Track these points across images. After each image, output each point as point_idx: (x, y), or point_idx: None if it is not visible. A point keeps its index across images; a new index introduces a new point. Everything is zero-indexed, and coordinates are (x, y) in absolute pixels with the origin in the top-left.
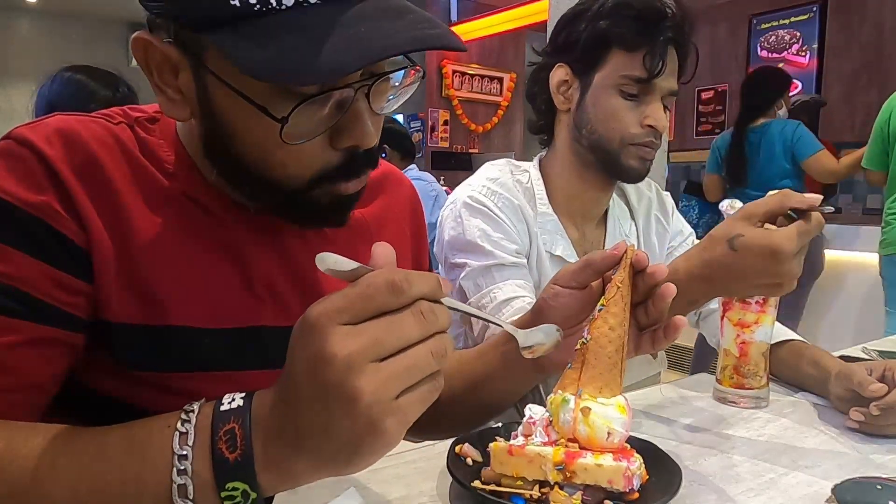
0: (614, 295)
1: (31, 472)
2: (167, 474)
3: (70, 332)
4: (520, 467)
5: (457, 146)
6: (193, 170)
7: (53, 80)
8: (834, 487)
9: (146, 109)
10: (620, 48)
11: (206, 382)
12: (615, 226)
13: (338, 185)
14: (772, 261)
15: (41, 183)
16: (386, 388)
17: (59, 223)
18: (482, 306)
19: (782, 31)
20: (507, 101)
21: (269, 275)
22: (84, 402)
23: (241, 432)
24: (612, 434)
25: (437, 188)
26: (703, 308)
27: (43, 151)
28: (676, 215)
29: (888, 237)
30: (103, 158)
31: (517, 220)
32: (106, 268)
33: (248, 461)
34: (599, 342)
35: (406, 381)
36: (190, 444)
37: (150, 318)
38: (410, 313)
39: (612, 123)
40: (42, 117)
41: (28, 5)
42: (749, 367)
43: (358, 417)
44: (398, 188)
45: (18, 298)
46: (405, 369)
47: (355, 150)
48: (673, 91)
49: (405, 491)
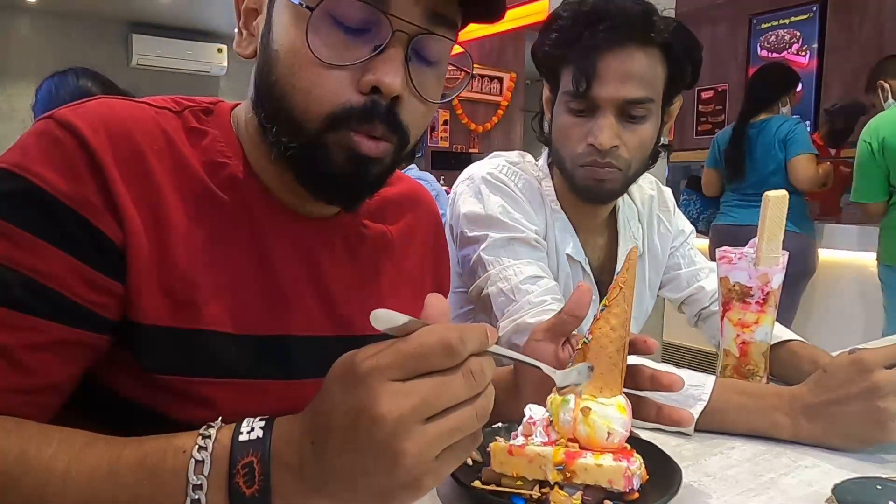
0: (616, 296)
1: (42, 487)
2: (180, 502)
3: (96, 333)
4: (520, 467)
5: (457, 146)
6: (244, 162)
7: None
8: (834, 487)
9: (198, 100)
10: (564, 63)
11: (226, 390)
12: (625, 226)
13: (353, 134)
14: (858, 371)
15: (81, 173)
16: (430, 450)
17: (96, 219)
18: (506, 278)
19: (782, 31)
20: (507, 101)
21: (297, 284)
22: (102, 402)
23: (259, 467)
24: (612, 434)
25: (437, 188)
26: (702, 309)
27: (87, 139)
28: (678, 213)
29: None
30: (147, 150)
31: (536, 204)
32: (140, 268)
33: (265, 497)
34: (600, 342)
35: (449, 442)
36: (205, 473)
37: (179, 320)
38: (461, 375)
39: (562, 142)
40: (85, 100)
41: (28, 5)
42: (749, 367)
43: (398, 476)
44: (424, 208)
45: (45, 296)
46: (449, 432)
47: (377, 96)
48: (629, 100)
49: None
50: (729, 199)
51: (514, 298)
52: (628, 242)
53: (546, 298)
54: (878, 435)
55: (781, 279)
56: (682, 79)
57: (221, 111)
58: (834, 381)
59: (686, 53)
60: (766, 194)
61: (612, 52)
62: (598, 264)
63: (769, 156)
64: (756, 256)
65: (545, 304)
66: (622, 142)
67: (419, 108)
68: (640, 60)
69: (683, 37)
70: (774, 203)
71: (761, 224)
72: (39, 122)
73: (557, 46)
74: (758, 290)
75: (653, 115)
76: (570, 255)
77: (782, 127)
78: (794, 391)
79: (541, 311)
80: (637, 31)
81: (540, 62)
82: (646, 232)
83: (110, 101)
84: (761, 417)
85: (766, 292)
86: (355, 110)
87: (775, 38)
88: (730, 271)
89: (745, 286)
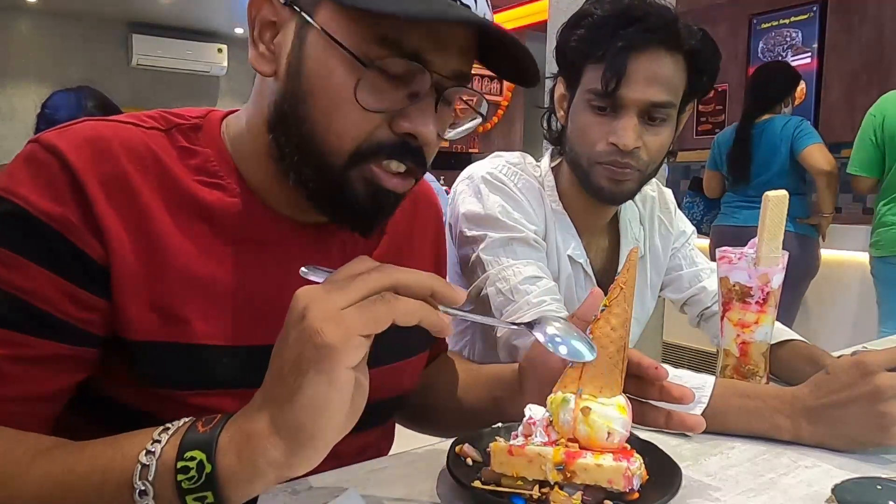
0: (617, 296)
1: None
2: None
3: (81, 347)
4: (520, 467)
5: (457, 146)
6: (238, 177)
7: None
8: (834, 487)
9: (187, 115)
10: (591, 60)
11: (222, 400)
12: (626, 228)
13: (376, 169)
14: (860, 374)
15: (63, 194)
16: (330, 299)
17: (77, 238)
18: (505, 278)
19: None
20: (507, 101)
21: (291, 292)
22: (104, 409)
23: (220, 416)
24: (612, 434)
25: (437, 188)
26: (705, 309)
27: (69, 161)
28: (678, 214)
29: (883, 239)
30: (132, 171)
31: (537, 204)
32: (126, 285)
33: (214, 434)
34: (601, 342)
35: (350, 292)
36: (150, 478)
37: (170, 335)
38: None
39: (581, 140)
40: (72, 122)
41: (28, 5)
42: (749, 367)
43: (301, 329)
44: (429, 209)
45: (29, 312)
46: (351, 282)
47: (410, 139)
48: (654, 103)
49: (405, 491)
50: (731, 200)
51: (513, 299)
52: (630, 244)
53: (545, 299)
54: (880, 438)
55: (781, 279)
56: (699, 87)
57: (211, 125)
58: (836, 383)
59: (708, 63)
60: (766, 194)
61: (644, 53)
62: (599, 266)
63: (773, 157)
64: (756, 256)
65: (544, 305)
66: (643, 143)
67: (436, 144)
68: (668, 65)
69: (708, 46)
70: (774, 203)
71: (761, 224)
72: (27, 145)
73: (587, 43)
74: (758, 290)
75: (671, 120)
76: (572, 257)
77: (788, 125)
78: (795, 393)
79: (539, 311)
80: (668, 35)
81: (563, 57)
82: (647, 233)
83: (97, 122)
84: (762, 419)
85: (767, 292)
86: (384, 146)
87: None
88: (730, 271)
89: (745, 286)
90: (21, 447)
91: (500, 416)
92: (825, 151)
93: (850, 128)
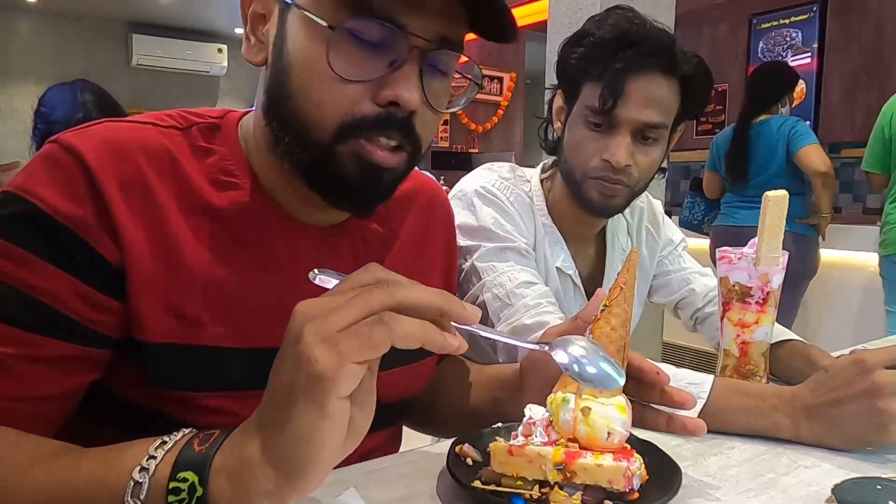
0: (617, 296)
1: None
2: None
3: (93, 348)
4: (520, 467)
5: (457, 146)
6: (252, 177)
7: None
8: (834, 487)
9: (205, 115)
10: (589, 78)
11: (236, 402)
12: (613, 239)
13: (365, 144)
14: (859, 371)
15: (81, 195)
16: (326, 319)
17: (93, 239)
18: (501, 284)
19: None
20: (507, 101)
21: (303, 294)
22: (118, 410)
23: (218, 433)
24: (612, 434)
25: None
26: (697, 311)
27: (88, 162)
28: (666, 222)
29: (888, 237)
30: (149, 172)
31: (527, 218)
32: (141, 287)
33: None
34: (601, 342)
35: (346, 312)
36: (141, 497)
37: (184, 337)
38: (376, 286)
39: (576, 154)
40: (91, 123)
41: (28, 5)
42: (749, 367)
43: (296, 353)
44: (440, 210)
45: (42, 312)
46: (353, 298)
47: (395, 109)
48: (648, 123)
49: (405, 491)
50: (730, 200)
51: (510, 303)
52: (617, 254)
53: (541, 301)
54: (879, 436)
55: (781, 279)
56: (691, 111)
57: (229, 125)
58: (835, 381)
59: (701, 87)
60: (766, 194)
61: (641, 76)
62: (587, 275)
63: (771, 157)
64: (756, 256)
65: (541, 307)
66: (635, 161)
67: (431, 117)
68: (663, 88)
69: (702, 72)
70: (774, 203)
71: (761, 224)
72: (46, 145)
73: (587, 62)
74: (758, 290)
75: (663, 140)
76: (561, 268)
77: (784, 126)
78: (794, 391)
79: (537, 313)
80: (665, 60)
81: (563, 72)
82: (634, 243)
83: (115, 123)
84: (761, 418)
85: (766, 292)
86: (368, 120)
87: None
88: (730, 271)
89: (745, 286)
90: (20, 452)
91: (500, 417)
92: (821, 152)
93: (850, 128)
